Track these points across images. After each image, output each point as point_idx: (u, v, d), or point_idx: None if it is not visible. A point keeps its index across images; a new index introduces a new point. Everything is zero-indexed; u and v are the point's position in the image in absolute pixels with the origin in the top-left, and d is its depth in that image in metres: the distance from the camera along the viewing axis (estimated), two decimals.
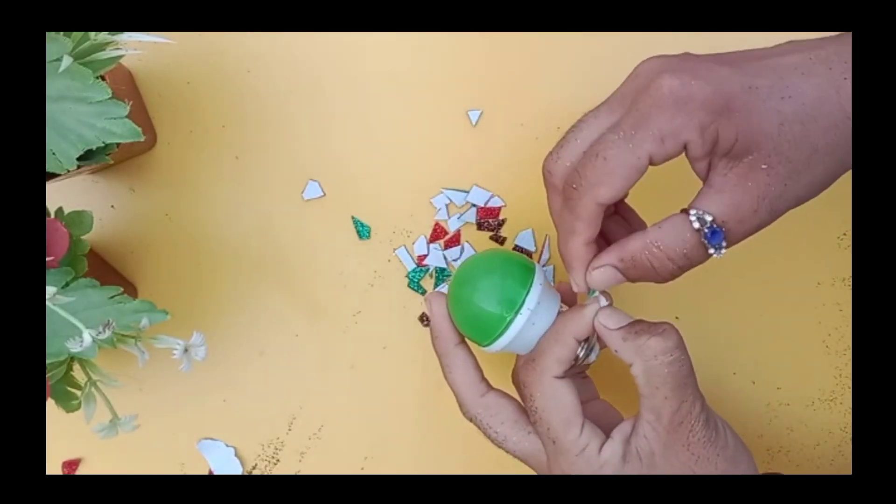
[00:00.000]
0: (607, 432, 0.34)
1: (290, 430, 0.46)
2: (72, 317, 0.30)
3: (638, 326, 0.34)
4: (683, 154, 0.31)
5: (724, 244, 0.31)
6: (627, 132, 0.30)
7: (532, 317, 0.35)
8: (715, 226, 0.30)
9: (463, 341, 0.37)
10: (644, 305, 0.45)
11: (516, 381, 0.37)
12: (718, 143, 0.30)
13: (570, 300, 0.38)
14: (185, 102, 0.45)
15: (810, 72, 0.30)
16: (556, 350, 0.35)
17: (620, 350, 0.33)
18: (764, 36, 0.35)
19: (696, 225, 0.31)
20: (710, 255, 0.31)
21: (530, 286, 0.35)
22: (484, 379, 0.37)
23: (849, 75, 0.30)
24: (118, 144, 0.35)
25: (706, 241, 0.31)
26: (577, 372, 0.38)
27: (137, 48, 0.35)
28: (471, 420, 0.37)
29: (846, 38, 0.31)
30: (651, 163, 0.31)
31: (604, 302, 0.35)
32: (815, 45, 0.31)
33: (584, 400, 0.36)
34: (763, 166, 0.30)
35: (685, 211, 0.31)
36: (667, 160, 0.31)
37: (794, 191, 0.31)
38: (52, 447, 0.46)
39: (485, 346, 0.36)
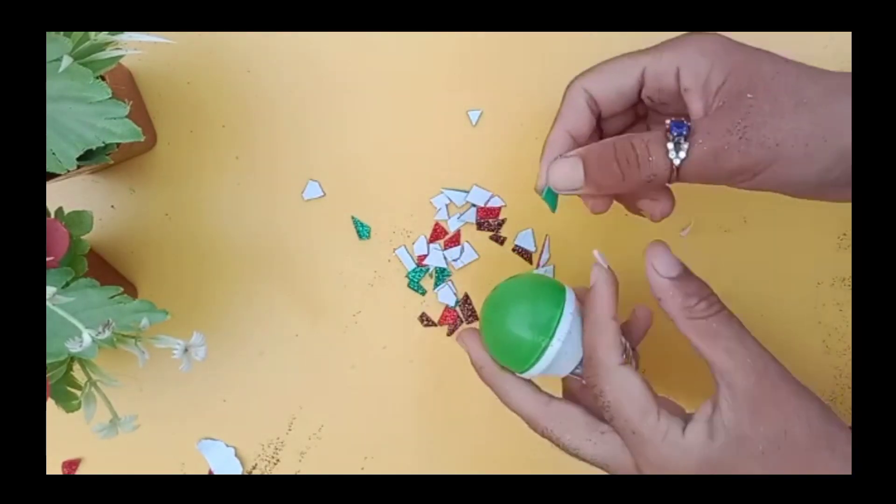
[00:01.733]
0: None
1: (290, 430, 0.46)
2: (72, 317, 0.30)
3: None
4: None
5: (684, 144, 0.30)
6: (635, 51, 0.33)
7: (567, 339, 0.34)
8: (682, 119, 0.31)
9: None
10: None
11: (575, 392, 0.38)
12: (709, 78, 0.31)
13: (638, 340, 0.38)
14: (186, 102, 0.45)
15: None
16: (603, 339, 0.34)
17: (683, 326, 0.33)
18: (764, 36, 0.35)
19: (666, 123, 0.31)
20: (671, 159, 0.31)
21: (562, 309, 0.35)
22: (543, 392, 0.36)
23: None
24: (118, 144, 0.35)
25: (670, 134, 0.30)
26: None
27: (137, 48, 0.35)
28: (542, 435, 0.36)
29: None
30: (644, 79, 0.33)
31: (602, 262, 0.35)
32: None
33: None
34: (749, 95, 0.30)
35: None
36: (658, 84, 0.33)
37: (773, 133, 0.30)
38: (52, 447, 0.46)
39: (522, 372, 0.35)
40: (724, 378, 0.32)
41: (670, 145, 0.31)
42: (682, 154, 0.30)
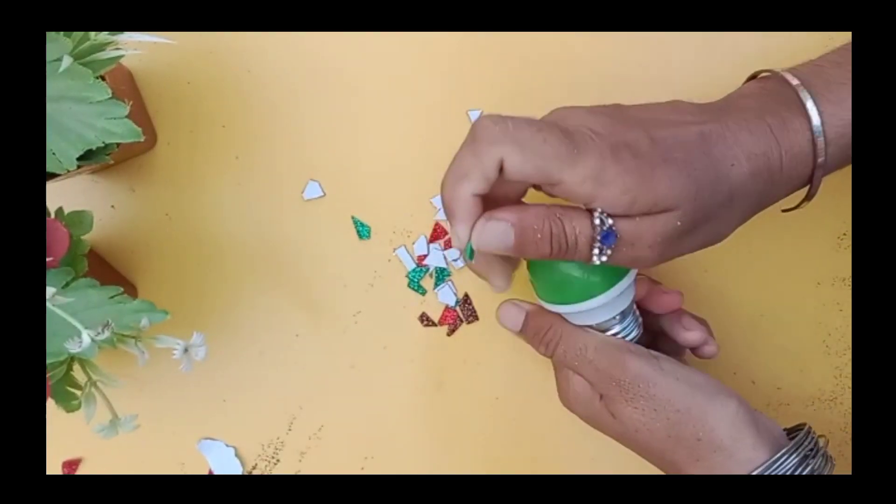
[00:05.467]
0: None
1: (290, 430, 0.46)
2: (71, 317, 0.30)
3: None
4: None
5: (608, 251, 0.32)
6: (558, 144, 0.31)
7: (622, 295, 0.36)
8: (612, 229, 0.32)
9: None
10: None
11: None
12: (633, 205, 0.31)
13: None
14: (186, 102, 0.45)
15: (708, 152, 0.32)
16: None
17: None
18: (764, 36, 0.35)
19: (597, 221, 0.32)
20: (592, 256, 0.32)
21: (629, 272, 0.37)
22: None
23: (735, 163, 0.32)
24: (118, 144, 0.35)
25: (598, 239, 0.32)
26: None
27: (137, 48, 0.35)
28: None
29: (741, 125, 0.33)
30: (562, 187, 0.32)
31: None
32: (704, 121, 0.33)
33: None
34: (678, 223, 0.32)
35: (590, 210, 0.32)
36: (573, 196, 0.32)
37: (685, 245, 0.33)
38: (52, 447, 0.46)
39: (570, 304, 0.37)
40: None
41: (595, 249, 0.32)
42: (605, 258, 0.32)
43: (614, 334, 0.37)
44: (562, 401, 0.39)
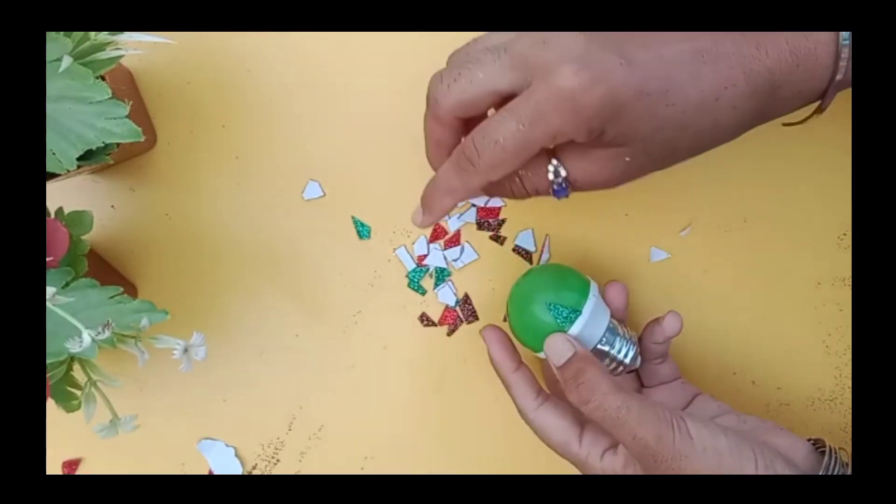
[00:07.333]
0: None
1: (290, 430, 0.46)
2: (72, 317, 0.30)
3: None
4: None
5: (566, 195, 0.35)
6: (526, 125, 0.31)
7: (584, 330, 0.38)
8: (565, 183, 0.34)
9: (519, 367, 0.40)
10: (644, 306, 0.45)
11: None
12: (601, 137, 0.32)
13: (619, 315, 0.41)
14: (185, 102, 0.45)
15: (697, 75, 0.31)
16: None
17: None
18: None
19: (551, 176, 0.34)
20: (556, 197, 0.35)
21: (585, 301, 0.38)
22: (540, 394, 0.40)
23: (729, 84, 0.31)
24: (118, 144, 0.35)
25: (553, 189, 0.34)
26: (621, 374, 0.40)
27: (137, 48, 0.35)
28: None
29: (748, 38, 0.32)
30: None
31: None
32: (701, 37, 0.32)
33: (662, 381, 0.41)
34: (627, 158, 0.32)
35: (549, 155, 0.34)
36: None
37: (646, 171, 0.34)
38: (52, 447, 0.46)
39: (540, 353, 0.39)
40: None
41: (552, 195, 0.35)
42: (561, 197, 0.35)
43: (613, 359, 0.38)
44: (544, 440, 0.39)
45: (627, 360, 0.38)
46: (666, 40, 0.32)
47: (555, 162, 0.34)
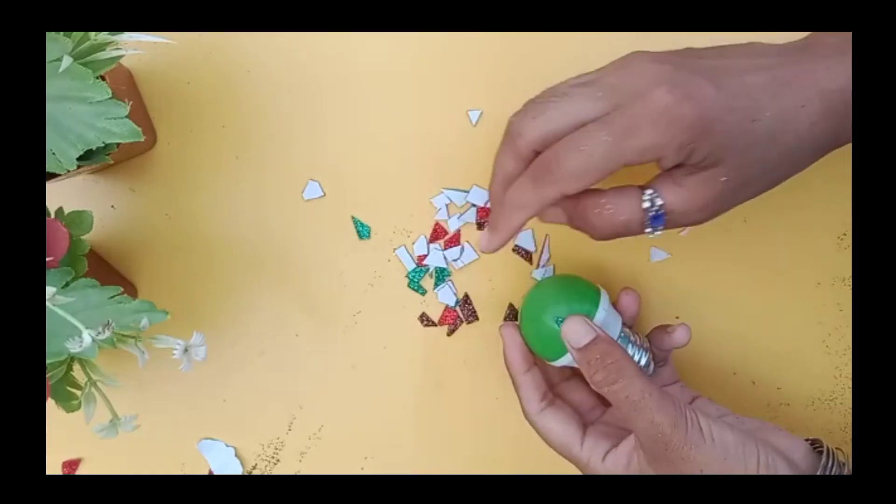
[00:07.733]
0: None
1: (290, 430, 0.46)
2: (72, 317, 0.30)
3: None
4: None
5: (661, 228, 0.34)
6: (616, 136, 0.31)
7: (606, 322, 0.38)
8: (661, 211, 0.33)
9: (530, 369, 0.41)
10: (644, 306, 0.45)
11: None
12: (691, 157, 0.32)
13: (630, 322, 0.42)
14: (185, 102, 0.45)
15: (777, 94, 0.32)
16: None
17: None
18: (764, 36, 0.35)
19: (647, 205, 0.33)
20: (646, 233, 0.34)
21: (596, 310, 0.38)
22: (545, 397, 0.41)
23: (806, 103, 0.32)
24: (118, 144, 0.35)
25: (648, 221, 0.34)
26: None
27: (137, 48, 0.35)
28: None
29: (818, 62, 0.33)
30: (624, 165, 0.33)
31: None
32: (777, 65, 0.33)
33: (663, 384, 0.41)
34: (723, 179, 0.32)
35: (641, 187, 0.33)
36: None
37: (740, 198, 0.34)
38: (52, 447, 0.46)
39: (551, 361, 0.40)
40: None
41: (648, 228, 0.34)
42: (657, 233, 0.34)
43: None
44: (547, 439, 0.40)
45: (641, 366, 0.39)
46: (745, 69, 0.33)
47: (650, 191, 0.33)
